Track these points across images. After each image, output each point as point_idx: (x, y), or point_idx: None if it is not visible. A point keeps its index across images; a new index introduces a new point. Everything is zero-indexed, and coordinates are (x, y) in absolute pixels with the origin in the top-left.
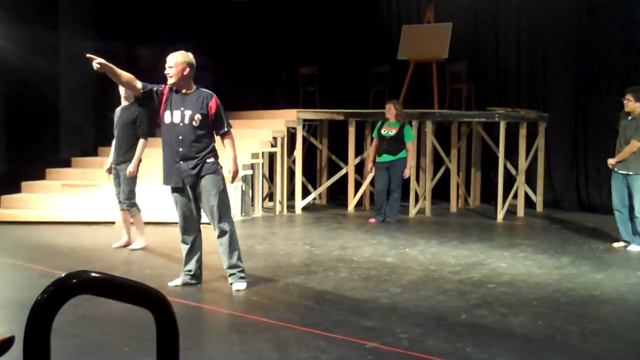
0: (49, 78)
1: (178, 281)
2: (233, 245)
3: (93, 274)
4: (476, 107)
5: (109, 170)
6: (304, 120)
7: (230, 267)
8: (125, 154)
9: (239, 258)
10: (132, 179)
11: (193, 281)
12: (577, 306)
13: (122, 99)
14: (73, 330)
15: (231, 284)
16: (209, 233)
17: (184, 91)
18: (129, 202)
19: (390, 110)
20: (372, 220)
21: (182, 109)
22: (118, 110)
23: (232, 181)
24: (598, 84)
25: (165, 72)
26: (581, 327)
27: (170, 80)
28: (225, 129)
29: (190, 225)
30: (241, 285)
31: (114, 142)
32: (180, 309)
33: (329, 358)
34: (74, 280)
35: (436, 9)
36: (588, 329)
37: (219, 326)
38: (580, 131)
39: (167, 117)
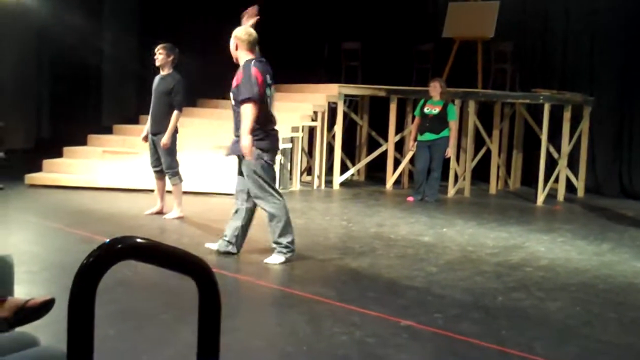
0: (93, 46)
1: (214, 245)
2: (274, 223)
3: (139, 240)
4: (520, 88)
5: (145, 138)
6: (346, 95)
7: (274, 242)
8: (161, 123)
9: (281, 235)
10: (170, 150)
11: (228, 248)
12: (616, 293)
13: (160, 68)
14: (112, 296)
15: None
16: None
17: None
18: (171, 171)
19: (435, 88)
20: (411, 198)
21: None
22: (156, 78)
23: (247, 156)
24: None
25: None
26: (620, 315)
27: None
28: (241, 97)
29: (238, 193)
30: (273, 259)
31: (151, 110)
32: (219, 279)
33: (362, 334)
34: (120, 245)
35: None
36: (627, 317)
37: (255, 297)
38: (627, 117)
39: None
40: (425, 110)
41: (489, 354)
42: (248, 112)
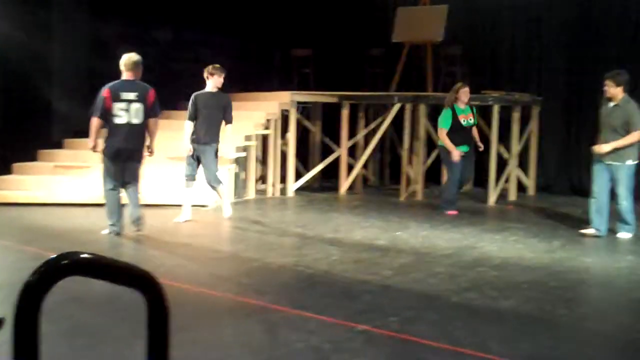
0: (42, 59)
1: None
2: None
3: (84, 255)
4: (470, 91)
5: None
6: (298, 102)
7: None
8: (214, 136)
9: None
10: (216, 160)
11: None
12: (566, 289)
13: (211, 87)
14: (64, 312)
15: None
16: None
17: None
18: (219, 179)
19: (467, 94)
20: (455, 212)
21: None
22: (203, 95)
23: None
24: (593, 68)
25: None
26: (570, 310)
27: None
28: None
29: None
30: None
31: (195, 124)
32: (172, 291)
33: (319, 340)
34: (65, 261)
35: None
36: (577, 312)
37: (210, 308)
38: (573, 115)
39: None
40: (463, 122)
41: (444, 355)
42: (91, 124)
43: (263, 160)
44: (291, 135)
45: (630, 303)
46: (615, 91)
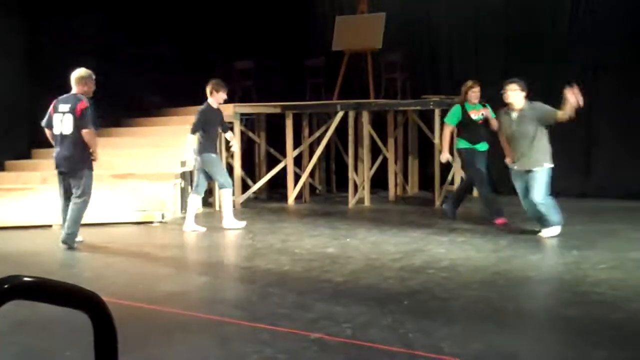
0: None
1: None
2: None
3: (25, 279)
4: (411, 96)
5: None
6: (241, 114)
7: None
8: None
9: None
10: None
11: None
12: (514, 287)
13: (214, 103)
14: (12, 337)
15: None
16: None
17: None
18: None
19: (477, 95)
20: (504, 220)
21: None
22: (210, 111)
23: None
24: (529, 70)
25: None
26: (518, 308)
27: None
28: None
29: None
30: None
31: (209, 138)
32: (122, 310)
33: (273, 351)
34: (6, 286)
35: None
36: (526, 309)
37: (163, 325)
38: None
39: None
40: (474, 116)
41: (398, 358)
42: None
43: None
44: (236, 147)
45: (577, 297)
46: (521, 95)
